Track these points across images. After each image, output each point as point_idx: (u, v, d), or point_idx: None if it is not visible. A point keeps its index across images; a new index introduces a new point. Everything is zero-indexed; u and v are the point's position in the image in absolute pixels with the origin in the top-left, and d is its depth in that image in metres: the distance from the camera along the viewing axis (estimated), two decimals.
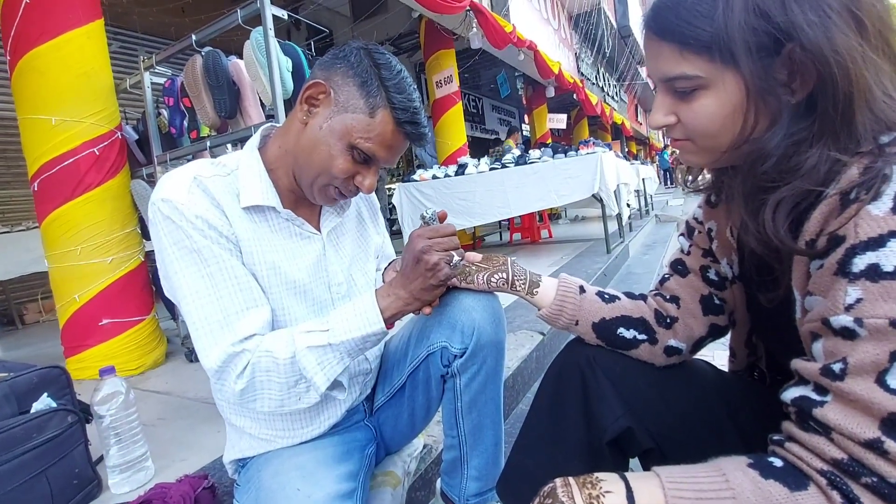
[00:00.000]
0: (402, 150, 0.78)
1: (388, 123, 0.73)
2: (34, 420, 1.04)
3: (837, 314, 0.43)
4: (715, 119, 0.53)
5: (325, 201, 0.80)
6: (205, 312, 0.68)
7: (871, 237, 0.41)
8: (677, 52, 0.52)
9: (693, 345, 0.74)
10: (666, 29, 0.53)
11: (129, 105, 3.46)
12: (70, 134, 2.03)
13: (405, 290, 0.74)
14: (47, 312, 4.05)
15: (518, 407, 1.70)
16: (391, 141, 0.75)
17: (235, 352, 0.68)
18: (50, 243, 2.10)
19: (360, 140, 0.73)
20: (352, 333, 0.71)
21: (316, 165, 0.75)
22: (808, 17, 0.46)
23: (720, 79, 0.51)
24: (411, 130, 0.75)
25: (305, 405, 0.73)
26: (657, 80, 0.57)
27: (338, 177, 0.75)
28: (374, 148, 0.74)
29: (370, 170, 0.77)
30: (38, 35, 1.99)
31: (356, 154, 0.74)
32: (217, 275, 0.69)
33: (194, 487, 0.94)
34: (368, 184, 0.77)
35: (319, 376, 0.70)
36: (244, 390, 0.69)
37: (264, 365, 0.68)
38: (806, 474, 0.43)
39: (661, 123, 0.58)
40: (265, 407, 0.72)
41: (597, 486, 0.48)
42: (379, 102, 0.72)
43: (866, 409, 0.40)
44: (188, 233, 0.68)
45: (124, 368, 2.05)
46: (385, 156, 0.76)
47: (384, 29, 6.55)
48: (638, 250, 4.92)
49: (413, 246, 0.73)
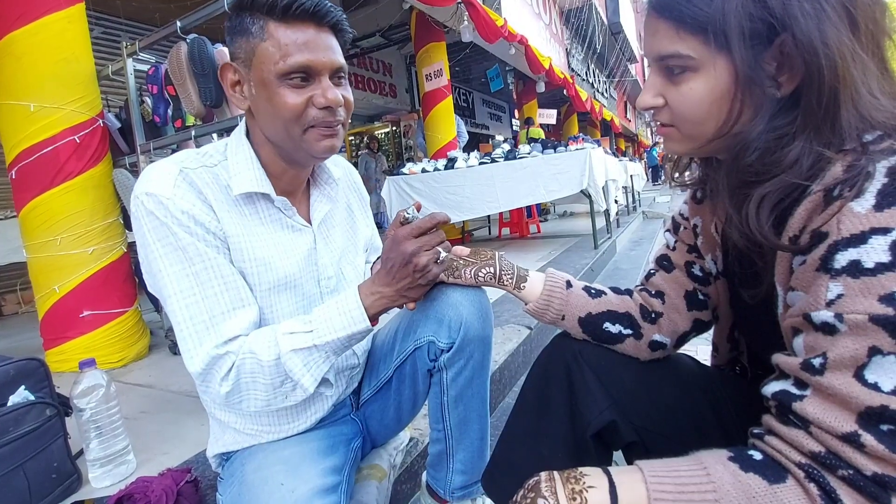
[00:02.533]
0: (325, 39, 0.71)
1: (279, 25, 0.69)
2: (10, 413, 1.02)
3: (818, 309, 0.43)
4: (702, 104, 0.54)
5: (322, 146, 0.73)
6: (189, 313, 0.67)
7: (853, 234, 0.42)
8: (673, 30, 0.53)
9: (677, 339, 0.75)
10: (665, 5, 0.54)
11: (111, 92, 3.37)
12: (50, 121, 1.98)
13: (391, 288, 0.72)
14: (26, 303, 3.96)
15: (504, 400, 1.71)
16: (298, 37, 0.69)
17: (219, 354, 0.67)
18: (29, 233, 2.04)
19: (279, 66, 0.68)
20: (336, 333, 0.70)
21: (279, 123, 0.71)
22: (804, 7, 0.47)
23: (711, 63, 0.52)
24: (299, 8, 0.68)
25: (293, 402, 0.72)
26: (651, 58, 0.57)
27: (297, 113, 0.70)
28: (294, 59, 0.68)
29: (319, 83, 0.71)
30: (14, 18, 1.92)
31: (292, 81, 0.69)
32: (202, 274, 0.68)
33: (177, 481, 0.93)
34: (331, 96, 0.70)
35: (307, 377, 0.69)
36: (230, 393, 0.68)
37: (249, 367, 0.67)
38: (784, 467, 0.44)
39: (649, 104, 0.59)
40: (252, 407, 0.71)
41: (580, 480, 0.48)
42: (259, 23, 0.69)
43: (844, 404, 0.41)
44: (173, 230, 0.66)
45: (106, 361, 2.01)
46: (311, 57, 0.69)
47: (375, 19, 6.48)
48: (625, 246, 4.97)
49: (403, 248, 0.70)
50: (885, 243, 0.40)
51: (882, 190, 0.42)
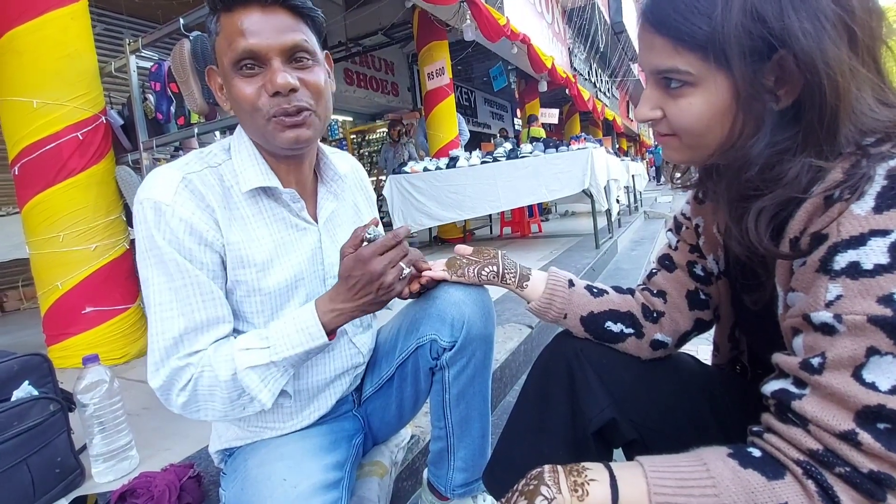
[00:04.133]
0: (273, 20, 0.68)
1: (226, 16, 0.68)
2: (14, 408, 1.02)
3: (818, 310, 0.44)
4: (701, 118, 0.53)
5: (284, 137, 0.71)
6: (163, 328, 0.68)
7: (852, 235, 0.43)
8: (671, 46, 0.52)
9: (678, 339, 0.75)
10: (662, 21, 0.53)
11: (114, 89, 3.37)
12: (52, 117, 1.98)
13: (351, 304, 0.71)
14: (28, 300, 3.98)
15: (505, 399, 1.72)
16: (243, 23, 0.67)
17: (180, 366, 0.67)
18: (31, 229, 2.05)
19: (228, 56, 0.69)
20: (294, 349, 0.69)
21: (245, 117, 0.72)
22: (804, 25, 0.46)
23: (710, 79, 0.51)
24: None
25: (250, 413, 0.72)
26: (648, 72, 0.57)
27: (251, 104, 0.69)
28: (237, 45, 0.67)
29: (268, 70, 0.69)
30: (17, 14, 1.92)
31: (242, 71, 0.69)
32: (182, 290, 0.68)
33: (179, 476, 0.94)
34: (279, 80, 0.67)
35: (264, 393, 0.69)
36: (186, 403, 0.68)
37: (206, 381, 0.68)
38: (783, 464, 0.45)
39: (647, 117, 0.58)
40: (208, 417, 0.71)
41: (582, 473, 0.49)
42: (213, 19, 0.70)
43: (842, 402, 0.42)
44: (158, 243, 0.67)
45: (108, 357, 2.02)
46: (253, 41, 0.67)
47: (377, 18, 6.48)
48: (626, 246, 4.97)
49: (371, 268, 0.68)
50: (884, 245, 0.41)
51: (881, 192, 0.42)
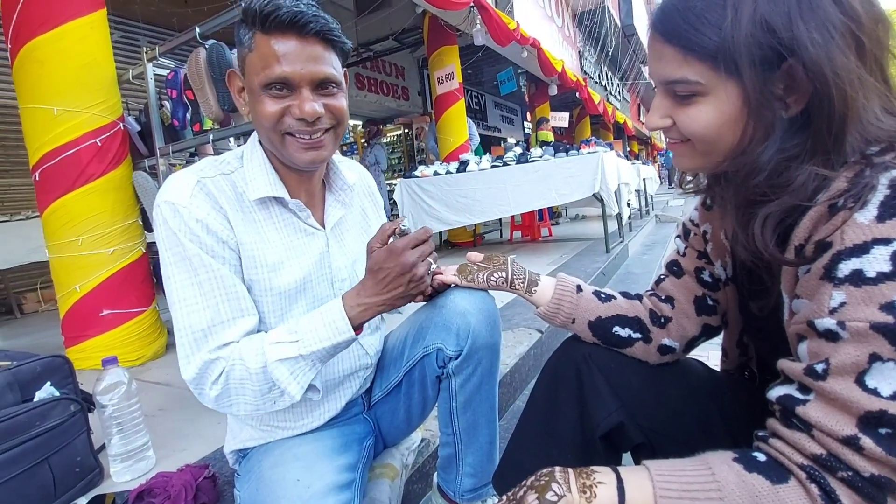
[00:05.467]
0: (309, 50, 0.71)
1: (263, 37, 0.71)
2: (37, 408, 1.05)
3: (822, 317, 0.45)
4: (711, 126, 0.54)
5: (302, 158, 0.75)
6: (189, 321, 0.70)
7: (856, 244, 0.43)
8: (681, 56, 0.53)
9: (686, 344, 0.76)
10: (672, 32, 0.53)
11: (131, 96, 3.44)
12: (72, 124, 2.04)
13: (379, 297, 0.73)
14: (46, 302, 4.06)
15: (515, 403, 1.72)
16: (278, 49, 0.70)
17: (211, 359, 0.69)
18: (51, 233, 2.10)
19: (260, 77, 0.71)
20: (321, 343, 0.70)
21: (262, 130, 0.76)
22: (812, 35, 0.47)
23: (720, 88, 0.52)
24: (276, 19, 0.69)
25: (281, 407, 0.73)
26: (657, 82, 0.58)
27: (273, 121, 0.72)
28: (272, 71, 0.70)
29: (299, 94, 0.72)
30: (39, 24, 1.98)
31: (272, 91, 0.72)
32: (206, 284, 0.70)
33: (195, 477, 0.96)
34: (307, 109, 0.71)
35: (293, 386, 0.70)
36: (219, 396, 0.70)
37: (238, 373, 0.69)
38: (787, 468, 0.45)
39: (657, 126, 0.59)
40: (241, 411, 0.72)
41: (591, 476, 0.50)
42: (248, 34, 0.72)
43: (845, 408, 0.42)
44: (181, 240, 0.70)
45: (125, 359, 2.06)
46: (288, 69, 0.70)
47: (388, 24, 6.53)
48: (637, 250, 4.94)
49: (403, 259, 0.71)
50: (887, 253, 0.41)
51: (885, 201, 0.43)
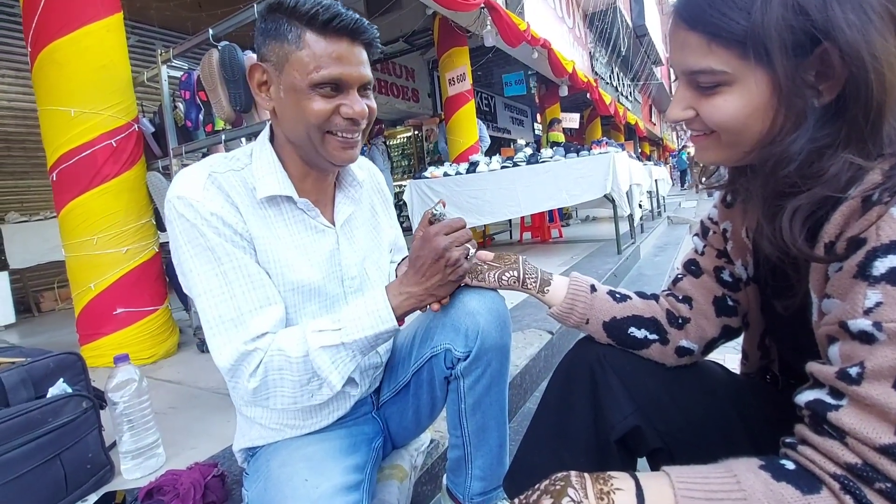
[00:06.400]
0: (357, 54, 0.73)
1: (317, 38, 0.70)
2: (50, 404, 1.06)
3: (856, 317, 0.42)
4: (737, 116, 0.51)
5: (341, 157, 0.76)
6: (218, 311, 0.69)
7: (892, 240, 0.41)
8: (705, 44, 0.50)
9: (705, 346, 0.73)
10: (697, 18, 0.51)
11: (146, 98, 3.50)
12: (88, 125, 2.07)
13: (420, 286, 0.73)
14: (63, 301, 4.13)
15: (525, 406, 1.70)
16: (333, 50, 0.70)
17: (248, 350, 0.68)
18: (67, 233, 2.14)
19: (312, 75, 0.70)
20: (364, 332, 0.71)
21: (301, 127, 0.73)
22: (849, 17, 0.44)
23: (748, 76, 0.49)
24: (340, 23, 0.70)
25: (318, 402, 0.73)
26: (679, 72, 0.55)
27: (322, 119, 0.72)
28: (328, 72, 0.70)
29: (349, 95, 0.73)
30: (58, 28, 2.02)
31: (323, 90, 0.71)
32: (231, 273, 0.70)
33: (204, 475, 0.96)
34: (358, 108, 0.73)
35: (334, 375, 0.70)
36: (257, 388, 0.70)
37: (277, 363, 0.69)
38: (819, 478, 0.43)
39: (679, 118, 0.56)
40: (278, 404, 0.72)
41: (608, 482, 0.48)
42: (296, 31, 0.70)
43: (882, 415, 0.40)
44: (202, 230, 0.69)
45: (137, 357, 2.08)
46: (344, 70, 0.71)
47: (398, 25, 6.56)
48: (649, 252, 4.88)
49: (436, 244, 0.71)
50: None
51: None
